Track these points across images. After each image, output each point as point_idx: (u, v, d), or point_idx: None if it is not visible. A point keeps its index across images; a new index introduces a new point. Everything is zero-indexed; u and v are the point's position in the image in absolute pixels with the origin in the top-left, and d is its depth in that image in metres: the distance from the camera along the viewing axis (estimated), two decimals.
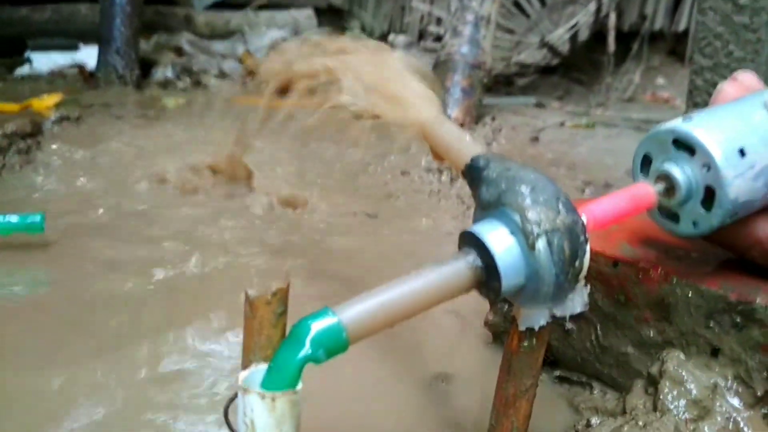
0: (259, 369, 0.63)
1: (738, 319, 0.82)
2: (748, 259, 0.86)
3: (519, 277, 0.67)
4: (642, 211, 0.78)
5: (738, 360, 0.83)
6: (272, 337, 0.65)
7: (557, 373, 1.05)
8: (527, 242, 0.65)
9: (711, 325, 0.85)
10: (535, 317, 0.71)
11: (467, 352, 1.15)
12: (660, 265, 0.89)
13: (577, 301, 0.71)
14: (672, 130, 0.79)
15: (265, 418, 0.59)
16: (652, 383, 0.86)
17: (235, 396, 0.63)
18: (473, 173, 0.75)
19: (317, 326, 0.60)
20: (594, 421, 0.84)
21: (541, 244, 0.65)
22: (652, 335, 0.91)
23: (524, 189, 0.68)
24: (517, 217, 0.66)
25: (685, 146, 0.78)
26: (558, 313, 0.71)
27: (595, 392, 0.99)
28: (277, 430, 0.60)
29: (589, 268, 0.94)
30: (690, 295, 0.86)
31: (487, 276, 0.67)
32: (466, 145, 0.80)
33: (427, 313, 0.67)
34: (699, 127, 0.78)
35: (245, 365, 0.65)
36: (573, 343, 1.02)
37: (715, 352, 0.85)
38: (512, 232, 0.67)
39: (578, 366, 1.02)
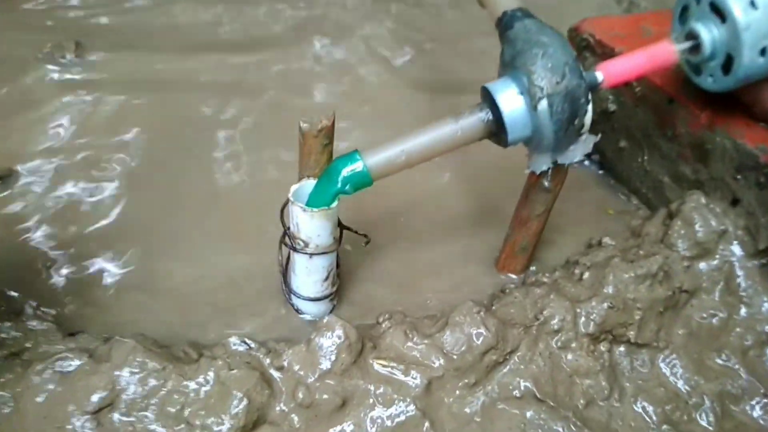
0: (307, 184, 0.82)
1: (762, 179, 0.86)
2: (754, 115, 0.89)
3: (525, 130, 0.77)
4: (661, 69, 0.81)
5: (753, 214, 0.89)
6: (319, 161, 0.82)
7: (606, 177, 1.15)
8: (531, 102, 0.74)
9: (738, 177, 0.90)
10: (539, 162, 0.81)
11: None
12: (710, 113, 0.92)
13: (579, 150, 0.80)
14: None
15: (307, 225, 0.80)
16: (670, 217, 0.96)
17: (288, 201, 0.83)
18: (501, 29, 0.80)
19: (347, 170, 0.76)
20: (605, 240, 0.97)
21: (542, 105, 0.73)
22: (687, 173, 0.98)
23: (536, 53, 0.74)
24: (525, 80, 0.74)
25: (719, 12, 0.78)
26: (560, 160, 0.80)
27: (632, 204, 1.10)
28: (316, 233, 0.80)
29: (647, 99, 0.99)
30: (727, 146, 0.90)
31: (497, 128, 0.77)
32: None
33: None
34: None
35: (300, 179, 0.84)
36: (624, 159, 1.10)
37: (735, 202, 0.91)
38: (521, 92, 0.75)
39: (624, 179, 1.11)
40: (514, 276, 0.98)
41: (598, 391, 0.83)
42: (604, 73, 0.78)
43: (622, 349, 0.86)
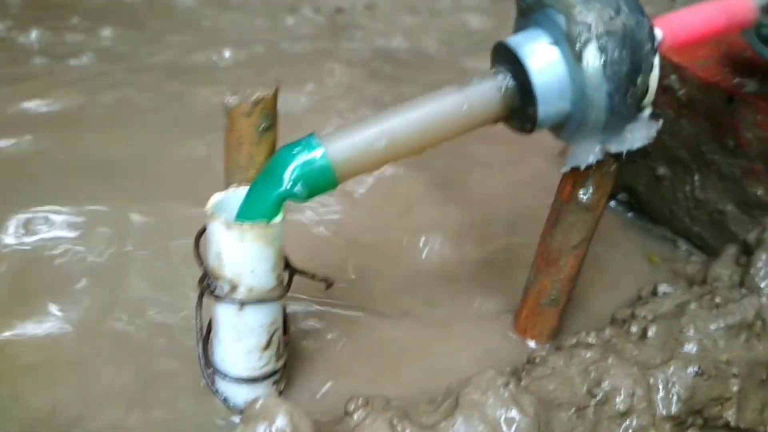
0: (235, 193, 0.55)
1: None
2: None
3: (562, 101, 0.53)
4: (735, 29, 0.61)
5: None
6: (254, 155, 0.56)
7: (638, 221, 0.91)
8: (573, 51, 0.51)
9: None
10: (583, 153, 0.56)
11: None
12: None
13: (639, 133, 0.56)
14: None
15: (233, 251, 0.52)
16: (746, 253, 0.71)
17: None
18: None
19: (299, 160, 0.51)
20: (662, 289, 0.71)
21: (590, 52, 0.51)
22: (759, 194, 0.74)
23: None
24: (561, 20, 0.51)
25: None
26: (613, 148, 0.56)
27: (680, 250, 0.85)
28: (249, 266, 0.53)
29: (697, 102, 0.77)
30: None
31: (522, 100, 0.53)
32: None
33: None
34: None
35: (227, 186, 0.57)
36: (663, 192, 0.86)
37: None
38: (555, 42, 0.52)
39: (665, 219, 0.87)
40: (540, 344, 0.71)
41: None
42: (664, 28, 0.56)
43: None
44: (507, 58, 0.54)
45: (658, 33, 0.56)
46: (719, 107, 0.75)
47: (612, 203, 0.92)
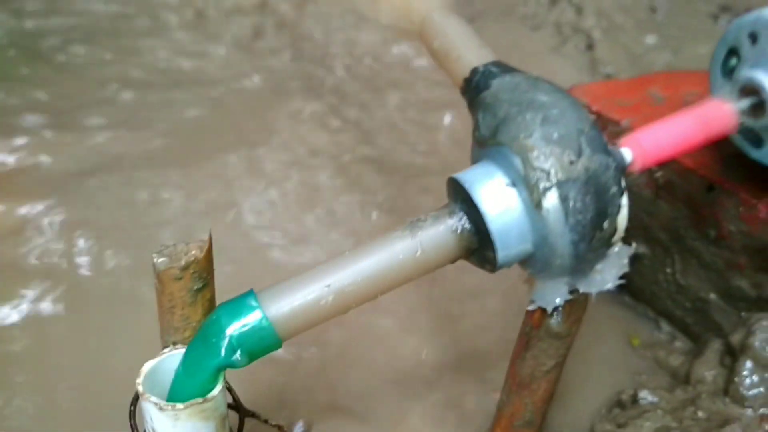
0: (170, 357, 0.51)
1: None
2: None
3: (523, 244, 0.49)
4: (715, 139, 0.56)
5: None
6: (190, 316, 0.51)
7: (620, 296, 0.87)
8: (531, 198, 0.46)
9: None
10: (550, 294, 0.53)
11: None
12: None
13: (610, 272, 0.52)
14: None
15: (169, 430, 0.48)
16: (730, 353, 0.67)
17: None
18: (470, 94, 0.54)
19: (236, 326, 0.46)
20: (643, 395, 0.67)
21: (550, 200, 0.47)
22: (744, 288, 0.70)
23: (532, 119, 0.48)
24: (518, 162, 0.47)
25: None
26: (582, 288, 0.52)
27: (663, 332, 0.81)
28: None
29: (676, 187, 0.73)
30: None
31: (480, 243, 0.49)
32: (470, 50, 0.57)
33: None
34: None
35: (164, 346, 0.52)
36: (644, 272, 0.82)
37: None
38: (513, 183, 0.48)
39: (646, 298, 0.83)
40: None
41: None
42: (634, 149, 0.52)
43: None
44: (461, 195, 0.49)
45: (627, 155, 0.52)
46: (699, 195, 0.71)
47: None
